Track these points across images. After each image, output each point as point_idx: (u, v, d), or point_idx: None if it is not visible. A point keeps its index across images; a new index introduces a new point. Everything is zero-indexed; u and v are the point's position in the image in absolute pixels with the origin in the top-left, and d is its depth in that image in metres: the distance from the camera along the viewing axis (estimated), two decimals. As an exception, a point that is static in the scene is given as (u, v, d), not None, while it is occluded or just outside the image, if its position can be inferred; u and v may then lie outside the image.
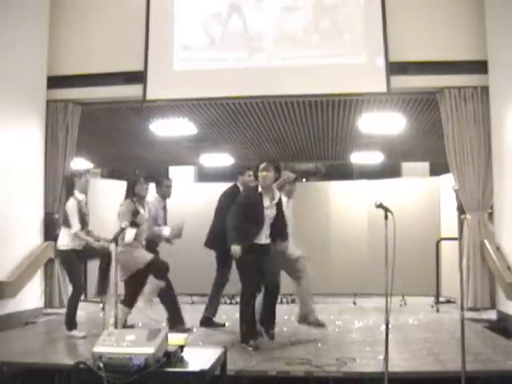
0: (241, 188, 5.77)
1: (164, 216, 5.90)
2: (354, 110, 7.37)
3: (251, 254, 4.81)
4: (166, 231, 5.71)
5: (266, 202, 4.87)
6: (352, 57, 6.60)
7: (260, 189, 4.90)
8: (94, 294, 7.50)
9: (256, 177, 4.98)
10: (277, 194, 4.97)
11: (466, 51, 6.48)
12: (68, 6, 7.12)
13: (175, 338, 3.03)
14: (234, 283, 5.41)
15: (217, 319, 6.00)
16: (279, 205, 4.96)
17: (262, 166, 4.89)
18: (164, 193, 5.89)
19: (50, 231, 6.83)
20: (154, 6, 6.90)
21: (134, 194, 5.32)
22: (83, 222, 5.36)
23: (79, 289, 5.43)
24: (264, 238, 4.88)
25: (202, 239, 9.00)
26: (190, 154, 10.25)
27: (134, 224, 5.04)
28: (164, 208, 5.93)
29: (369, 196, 8.29)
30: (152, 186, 5.84)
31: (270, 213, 4.87)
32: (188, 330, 5.40)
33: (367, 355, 4.40)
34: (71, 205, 5.32)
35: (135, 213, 5.17)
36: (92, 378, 2.74)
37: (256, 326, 4.97)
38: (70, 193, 5.47)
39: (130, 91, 6.85)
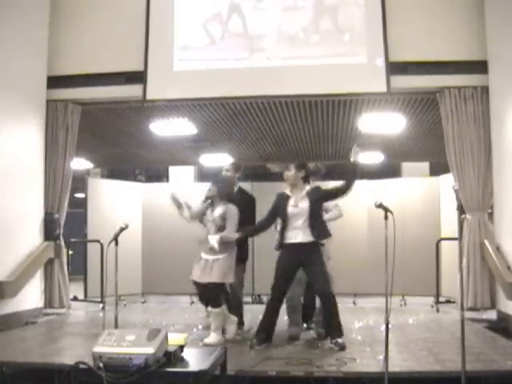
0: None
1: None
2: (353, 109, 7.37)
3: (283, 253, 4.89)
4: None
5: (293, 200, 4.87)
6: (352, 57, 6.59)
7: (289, 189, 4.95)
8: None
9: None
10: (305, 190, 4.92)
11: (466, 51, 6.47)
12: (68, 6, 7.11)
13: (175, 338, 3.04)
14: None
15: None
16: (311, 199, 4.85)
17: (285, 166, 4.99)
18: None
19: (50, 231, 6.84)
20: (154, 6, 6.89)
21: None
22: None
23: None
24: (296, 237, 4.81)
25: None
26: (189, 154, 10.24)
27: None
28: None
29: (369, 196, 8.29)
30: None
31: (295, 211, 4.83)
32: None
33: (367, 355, 4.40)
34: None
35: None
36: (92, 378, 2.74)
37: (267, 329, 4.87)
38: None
39: (130, 91, 6.84)
